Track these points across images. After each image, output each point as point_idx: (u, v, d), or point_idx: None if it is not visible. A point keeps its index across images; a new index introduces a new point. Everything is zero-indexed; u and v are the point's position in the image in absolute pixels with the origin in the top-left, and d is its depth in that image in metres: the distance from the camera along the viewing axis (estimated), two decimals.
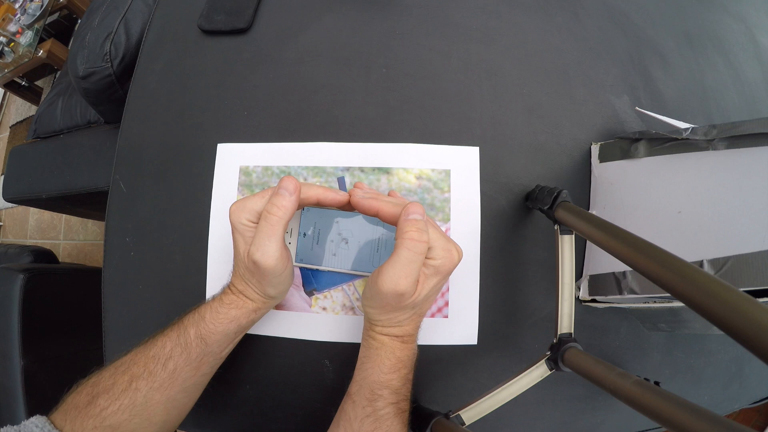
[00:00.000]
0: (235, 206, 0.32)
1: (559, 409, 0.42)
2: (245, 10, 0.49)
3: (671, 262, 0.23)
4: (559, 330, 0.35)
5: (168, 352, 0.33)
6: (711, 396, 0.45)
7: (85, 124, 0.98)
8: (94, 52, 0.67)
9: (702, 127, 0.33)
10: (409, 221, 0.30)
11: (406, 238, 0.29)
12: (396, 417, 0.32)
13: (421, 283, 0.31)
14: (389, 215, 0.32)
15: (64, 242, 1.67)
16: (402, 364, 0.34)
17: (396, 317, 0.33)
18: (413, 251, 0.29)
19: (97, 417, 0.30)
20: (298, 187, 0.31)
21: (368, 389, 0.33)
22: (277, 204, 0.30)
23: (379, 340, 0.34)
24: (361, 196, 0.33)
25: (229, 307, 0.34)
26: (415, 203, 0.31)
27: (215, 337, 0.34)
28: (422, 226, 0.30)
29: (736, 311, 0.18)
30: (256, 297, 0.35)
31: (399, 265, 0.29)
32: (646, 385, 0.25)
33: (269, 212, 0.30)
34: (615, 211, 0.40)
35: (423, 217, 0.30)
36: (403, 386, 0.34)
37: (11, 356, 0.76)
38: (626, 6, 0.49)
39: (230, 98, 0.46)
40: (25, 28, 1.54)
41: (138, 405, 0.31)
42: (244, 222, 0.32)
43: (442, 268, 0.31)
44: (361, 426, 0.32)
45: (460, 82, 0.45)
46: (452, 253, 0.31)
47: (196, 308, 0.35)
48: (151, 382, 0.32)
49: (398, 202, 0.32)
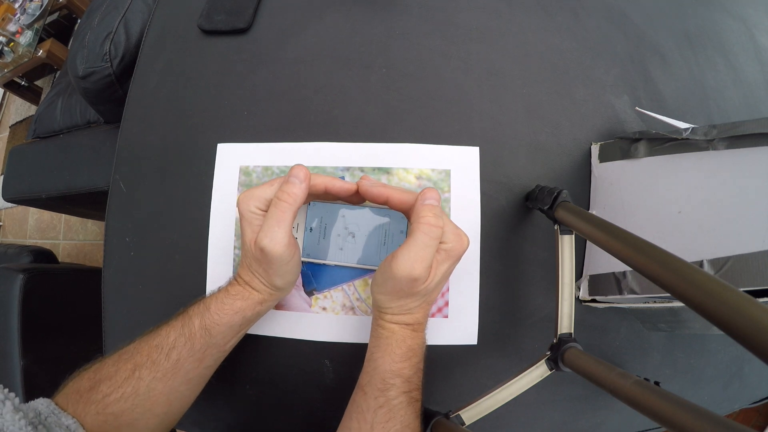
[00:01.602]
0: (243, 195, 0.32)
1: (559, 409, 0.42)
2: (245, 10, 0.49)
3: (671, 262, 0.23)
4: (559, 330, 0.35)
5: (172, 342, 0.33)
6: (711, 396, 0.45)
7: (85, 123, 0.98)
8: (94, 51, 0.67)
9: (702, 127, 0.33)
10: (426, 206, 0.30)
11: (423, 223, 0.29)
12: (409, 406, 0.32)
13: (434, 268, 0.31)
14: (399, 202, 0.32)
15: (64, 242, 1.67)
16: (413, 353, 0.33)
17: (406, 304, 0.33)
18: (429, 236, 0.29)
19: (99, 403, 0.30)
20: (308, 176, 0.31)
21: (380, 379, 0.32)
22: (288, 191, 0.30)
23: (389, 328, 0.34)
24: (370, 184, 0.33)
25: (235, 299, 0.34)
26: (432, 189, 0.31)
27: (220, 329, 0.33)
28: (438, 212, 0.30)
29: (736, 311, 0.18)
30: (262, 288, 0.34)
31: (415, 249, 0.29)
32: (646, 385, 0.25)
33: (279, 198, 0.30)
34: (615, 211, 0.40)
35: (439, 203, 0.31)
36: (414, 375, 0.33)
37: (11, 356, 0.76)
38: (626, 6, 0.49)
39: (230, 98, 0.46)
40: (24, 28, 1.54)
41: (141, 394, 0.31)
42: (253, 210, 0.32)
43: (453, 252, 0.32)
44: (375, 417, 0.31)
45: (460, 82, 0.45)
46: (462, 238, 0.32)
47: (201, 299, 0.35)
48: (154, 372, 0.32)
49: (407, 190, 0.32)
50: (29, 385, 0.76)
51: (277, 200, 0.31)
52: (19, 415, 0.26)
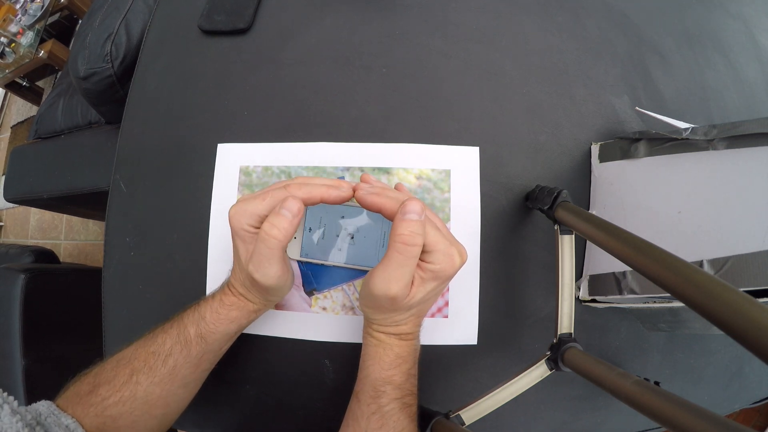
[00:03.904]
0: (234, 210, 0.30)
1: (559, 409, 0.42)
2: (245, 10, 0.49)
3: (671, 262, 0.22)
4: (559, 330, 0.35)
5: (168, 350, 0.33)
6: (711, 396, 0.45)
7: (86, 124, 0.98)
8: (95, 52, 0.67)
9: (702, 127, 0.33)
10: (403, 222, 0.27)
11: (398, 240, 0.27)
12: (401, 412, 0.32)
13: (416, 286, 0.29)
14: (391, 213, 0.30)
15: (65, 242, 1.67)
16: (402, 360, 0.33)
17: (392, 317, 0.32)
18: (404, 255, 0.27)
19: (98, 406, 0.30)
20: (302, 210, 0.29)
21: (371, 386, 0.33)
22: (278, 226, 0.28)
23: (377, 337, 0.34)
24: (366, 192, 0.30)
25: (230, 309, 0.34)
26: (413, 200, 0.28)
27: (215, 337, 0.34)
28: (416, 228, 0.27)
29: (736, 311, 0.18)
30: (257, 300, 0.35)
31: (390, 268, 0.28)
32: (646, 385, 0.25)
33: (269, 234, 0.28)
34: (615, 211, 0.40)
35: (420, 216, 0.27)
36: (406, 381, 0.33)
37: (12, 356, 0.77)
38: (626, 6, 0.49)
39: (230, 98, 0.47)
40: (26, 29, 1.54)
41: (138, 398, 0.31)
42: (246, 228, 0.30)
43: (440, 273, 0.29)
44: (368, 423, 0.32)
45: (460, 82, 0.45)
46: (453, 259, 0.29)
47: (196, 305, 0.35)
48: (151, 377, 0.32)
49: (400, 198, 0.30)
50: (30, 385, 0.76)
51: (266, 236, 0.28)
52: (16, 417, 0.26)
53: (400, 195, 0.30)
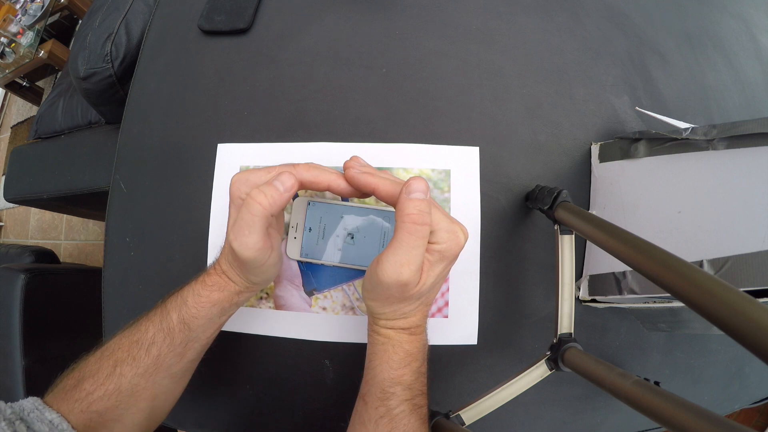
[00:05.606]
0: (237, 177, 0.30)
1: (559, 409, 0.42)
2: (245, 11, 0.49)
3: (671, 262, 0.22)
4: (559, 330, 0.35)
5: (151, 338, 0.31)
6: (711, 396, 0.45)
7: (86, 124, 0.98)
8: (95, 52, 0.67)
9: (702, 127, 0.33)
10: (411, 201, 0.26)
11: (407, 221, 0.26)
12: (412, 414, 0.30)
13: (426, 270, 0.28)
14: (386, 194, 0.29)
15: (66, 242, 1.67)
16: (412, 358, 0.31)
17: (400, 309, 0.30)
18: (415, 236, 0.26)
19: (83, 401, 0.29)
20: (296, 186, 0.28)
21: (379, 388, 0.31)
22: (266, 193, 0.26)
23: (384, 334, 0.31)
24: (357, 171, 0.29)
25: (212, 290, 0.32)
26: (418, 178, 0.27)
27: (198, 322, 0.32)
28: (424, 207, 0.26)
29: (736, 311, 0.18)
30: (238, 280, 0.33)
31: (401, 251, 0.26)
32: (646, 385, 0.25)
33: (254, 199, 0.26)
34: (615, 211, 0.40)
35: (426, 196, 0.27)
36: (416, 381, 0.31)
37: (13, 356, 0.77)
38: (626, 6, 0.49)
39: (230, 98, 0.47)
40: (26, 29, 1.54)
41: (123, 391, 0.30)
42: (243, 196, 0.29)
43: (447, 252, 0.28)
44: (377, 428, 0.30)
45: (460, 82, 0.45)
46: (457, 236, 0.28)
47: (179, 290, 0.34)
48: (135, 368, 0.31)
49: (396, 180, 0.29)
50: (31, 385, 0.76)
51: (250, 200, 0.26)
52: None
53: (393, 177, 0.30)
